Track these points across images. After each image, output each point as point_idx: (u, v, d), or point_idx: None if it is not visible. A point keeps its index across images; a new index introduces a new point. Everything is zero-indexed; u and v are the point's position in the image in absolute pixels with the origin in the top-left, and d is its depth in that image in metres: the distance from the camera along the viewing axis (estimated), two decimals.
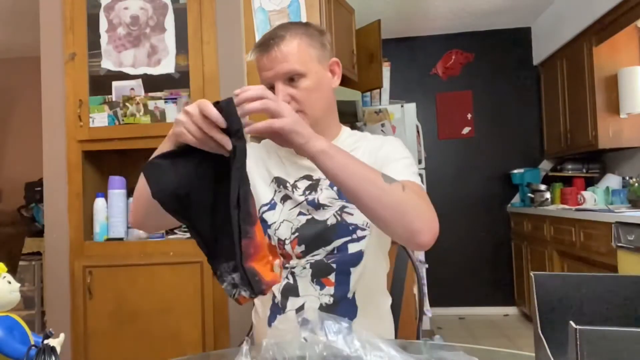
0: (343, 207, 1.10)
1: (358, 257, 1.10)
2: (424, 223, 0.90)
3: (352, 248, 1.09)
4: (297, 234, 1.11)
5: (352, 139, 1.19)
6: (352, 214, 1.09)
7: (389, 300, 1.25)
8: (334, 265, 1.09)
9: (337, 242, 1.09)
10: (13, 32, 4.09)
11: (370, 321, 1.13)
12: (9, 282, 0.76)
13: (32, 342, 0.74)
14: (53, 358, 0.66)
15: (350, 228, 1.09)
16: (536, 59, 4.50)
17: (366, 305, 1.12)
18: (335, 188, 1.11)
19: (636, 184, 3.18)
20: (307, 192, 1.13)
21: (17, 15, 3.78)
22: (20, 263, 3.56)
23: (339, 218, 1.10)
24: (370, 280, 1.14)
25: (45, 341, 0.69)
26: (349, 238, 1.10)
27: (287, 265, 1.11)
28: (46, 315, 2.23)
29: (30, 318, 3.63)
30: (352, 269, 1.10)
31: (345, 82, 3.07)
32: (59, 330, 0.76)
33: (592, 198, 3.58)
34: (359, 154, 1.12)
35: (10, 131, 4.72)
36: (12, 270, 3.00)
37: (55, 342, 0.71)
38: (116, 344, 2.04)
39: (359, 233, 1.10)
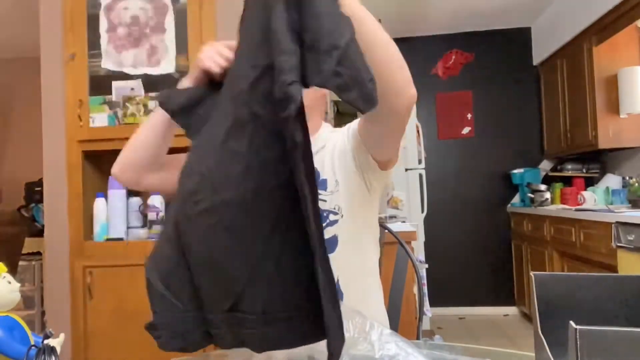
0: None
1: (333, 242, 1.11)
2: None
3: (327, 234, 1.11)
4: None
5: (329, 132, 1.23)
6: (325, 201, 1.11)
7: (377, 284, 1.24)
8: None
9: None
10: (13, 32, 4.09)
11: (359, 306, 1.13)
12: (9, 282, 0.76)
13: (32, 342, 0.74)
14: (53, 358, 0.66)
15: (325, 214, 1.11)
16: (536, 59, 4.50)
17: (351, 291, 1.11)
18: None
19: (636, 184, 3.18)
20: None
21: (17, 16, 3.78)
22: (20, 263, 3.56)
23: None
24: (353, 264, 1.14)
25: (45, 341, 0.69)
26: (324, 224, 1.11)
27: None
28: (46, 315, 2.23)
29: (30, 318, 3.63)
30: (329, 255, 1.11)
31: None
32: (59, 330, 0.76)
33: (592, 198, 3.58)
34: (331, 144, 1.17)
35: (10, 131, 4.72)
36: (12, 270, 3.00)
37: (55, 342, 0.71)
38: (116, 344, 2.04)
39: (331, 217, 1.12)
